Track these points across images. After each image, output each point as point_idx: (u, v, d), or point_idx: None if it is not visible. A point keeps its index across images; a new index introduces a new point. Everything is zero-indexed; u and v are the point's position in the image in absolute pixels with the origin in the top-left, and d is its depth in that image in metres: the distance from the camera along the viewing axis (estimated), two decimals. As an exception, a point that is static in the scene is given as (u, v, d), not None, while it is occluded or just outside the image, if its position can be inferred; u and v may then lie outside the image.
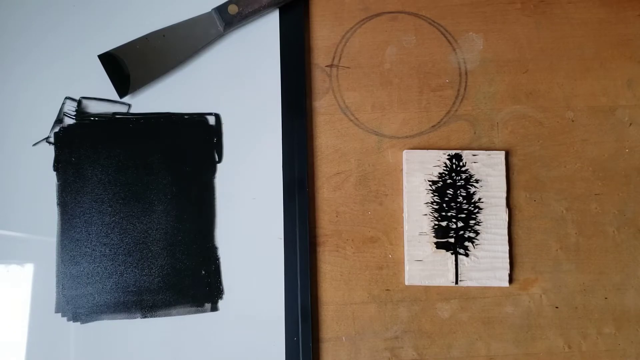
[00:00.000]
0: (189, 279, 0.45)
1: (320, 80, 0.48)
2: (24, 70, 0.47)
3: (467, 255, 0.45)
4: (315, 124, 0.48)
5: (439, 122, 0.48)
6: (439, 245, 0.45)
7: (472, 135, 0.47)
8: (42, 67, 0.47)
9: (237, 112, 0.47)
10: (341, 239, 0.46)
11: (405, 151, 0.46)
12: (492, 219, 0.46)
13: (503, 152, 0.46)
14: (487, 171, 0.46)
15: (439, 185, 0.46)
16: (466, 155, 0.46)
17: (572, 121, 0.48)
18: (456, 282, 0.45)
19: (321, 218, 0.46)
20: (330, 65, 0.49)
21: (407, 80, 0.48)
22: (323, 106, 0.48)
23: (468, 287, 0.46)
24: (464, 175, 0.46)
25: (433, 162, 0.46)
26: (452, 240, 0.45)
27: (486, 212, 0.46)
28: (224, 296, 0.45)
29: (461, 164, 0.46)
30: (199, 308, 0.45)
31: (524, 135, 0.47)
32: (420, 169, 0.46)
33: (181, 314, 0.44)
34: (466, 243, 0.45)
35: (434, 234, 0.45)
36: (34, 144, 0.46)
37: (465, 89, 0.48)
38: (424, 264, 0.45)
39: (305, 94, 0.47)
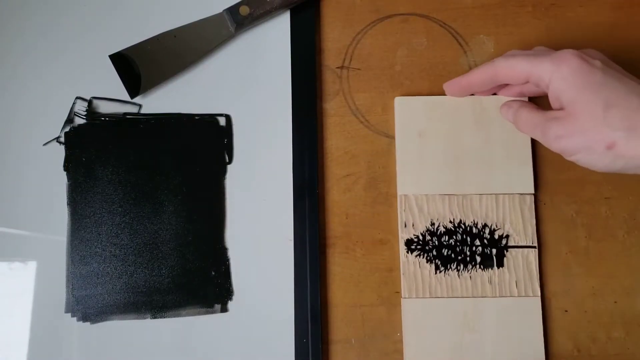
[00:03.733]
0: (198, 279, 0.45)
1: (330, 81, 0.48)
2: (34, 69, 0.47)
3: None
4: (325, 125, 0.48)
5: (449, 125, 0.48)
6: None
7: (483, 138, 0.47)
8: (52, 66, 0.47)
9: (248, 113, 0.47)
10: (351, 241, 0.46)
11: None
12: None
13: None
14: None
15: None
16: None
17: (583, 125, 0.48)
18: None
19: (331, 220, 0.46)
20: (341, 67, 0.49)
21: (418, 82, 0.48)
22: (333, 108, 0.48)
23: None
24: None
25: None
26: None
27: None
28: (234, 297, 0.45)
29: None
30: (209, 309, 0.45)
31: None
32: None
33: (191, 315, 0.44)
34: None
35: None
36: (45, 144, 0.46)
37: (475, 92, 0.48)
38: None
39: (315, 95, 0.47)
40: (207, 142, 0.47)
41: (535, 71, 0.39)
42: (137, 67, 0.46)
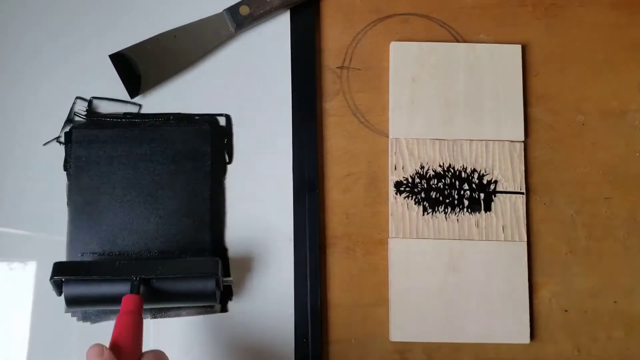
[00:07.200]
0: (198, 279, 0.45)
1: (330, 81, 0.48)
2: (35, 69, 0.47)
3: None
4: (325, 125, 0.48)
5: (449, 125, 0.48)
6: None
7: (483, 138, 0.47)
8: (53, 67, 0.47)
9: (248, 113, 0.47)
10: (351, 240, 0.46)
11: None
12: None
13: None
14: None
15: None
16: None
17: (583, 125, 0.48)
18: None
19: (331, 220, 0.47)
20: (341, 67, 0.49)
21: (417, 83, 0.48)
22: (333, 108, 0.48)
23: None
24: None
25: None
26: None
27: None
28: (234, 297, 0.45)
29: None
30: (209, 309, 0.45)
31: (534, 138, 0.47)
32: None
33: (191, 315, 0.44)
34: None
35: None
36: (45, 144, 0.46)
37: (475, 92, 0.48)
38: None
39: (315, 95, 0.47)
40: (207, 142, 0.46)
41: None
42: (137, 67, 0.46)
